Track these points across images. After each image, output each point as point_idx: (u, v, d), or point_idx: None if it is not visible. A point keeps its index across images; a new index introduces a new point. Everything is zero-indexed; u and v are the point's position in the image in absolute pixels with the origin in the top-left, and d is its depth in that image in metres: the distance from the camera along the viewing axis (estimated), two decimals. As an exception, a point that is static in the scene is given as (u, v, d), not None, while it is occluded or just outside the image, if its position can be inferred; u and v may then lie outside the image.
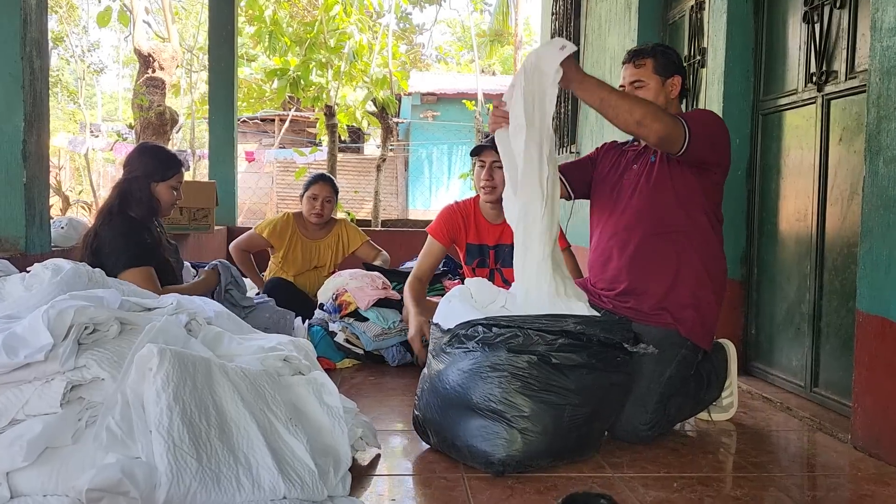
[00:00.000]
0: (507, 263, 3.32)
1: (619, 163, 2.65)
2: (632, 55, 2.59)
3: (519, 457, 1.98)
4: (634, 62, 2.57)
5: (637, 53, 2.58)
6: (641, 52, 2.58)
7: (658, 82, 2.52)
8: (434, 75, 20.44)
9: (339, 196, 4.25)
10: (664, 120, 2.26)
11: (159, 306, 2.13)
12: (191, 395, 1.68)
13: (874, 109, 2.20)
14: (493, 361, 2.04)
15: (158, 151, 3.10)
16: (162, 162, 3.00)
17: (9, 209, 3.09)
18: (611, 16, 4.81)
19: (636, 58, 2.57)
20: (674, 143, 2.29)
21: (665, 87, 2.53)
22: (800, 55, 2.93)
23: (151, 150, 3.10)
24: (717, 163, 2.45)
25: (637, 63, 2.56)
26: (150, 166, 2.96)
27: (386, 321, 3.40)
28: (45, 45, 3.25)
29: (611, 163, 2.69)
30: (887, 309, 2.14)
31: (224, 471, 1.62)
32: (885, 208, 2.15)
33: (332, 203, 4.15)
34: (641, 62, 2.55)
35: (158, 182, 2.96)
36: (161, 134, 7.89)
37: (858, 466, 2.16)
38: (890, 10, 2.14)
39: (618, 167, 2.64)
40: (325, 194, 4.10)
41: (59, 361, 1.67)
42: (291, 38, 8.44)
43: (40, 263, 2.23)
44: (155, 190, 2.96)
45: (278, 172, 16.53)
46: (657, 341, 2.34)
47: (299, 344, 2.21)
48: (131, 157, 3.02)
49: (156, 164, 2.98)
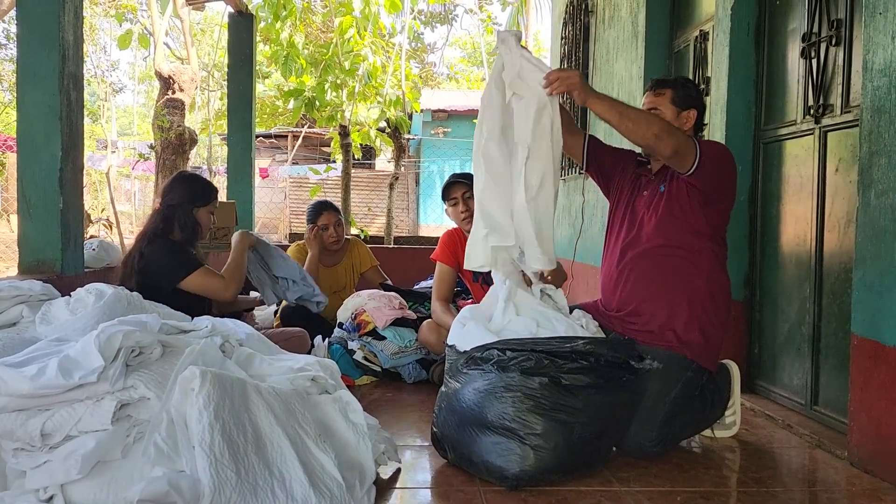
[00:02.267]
0: None
1: (635, 185, 2.74)
2: (654, 84, 2.70)
3: (532, 472, 2.11)
4: (655, 91, 2.67)
5: (659, 82, 2.69)
6: (664, 81, 2.69)
7: (673, 112, 2.62)
8: (445, 92, 20.66)
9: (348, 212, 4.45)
10: (679, 136, 2.41)
11: (195, 328, 2.28)
12: (229, 414, 1.83)
13: (866, 144, 2.34)
14: (506, 382, 2.18)
15: (198, 179, 3.31)
16: (203, 188, 3.20)
17: (46, 233, 3.27)
18: (618, 43, 4.96)
19: (658, 86, 2.67)
20: (685, 160, 2.43)
21: (679, 119, 2.62)
22: (798, 88, 3.07)
23: (191, 178, 3.30)
24: (723, 192, 2.55)
25: (657, 91, 2.66)
26: (191, 193, 3.15)
27: (402, 340, 3.54)
28: (80, 78, 3.43)
29: (631, 179, 2.77)
30: (880, 333, 2.27)
31: (260, 483, 1.76)
32: (877, 238, 2.28)
33: (342, 226, 4.34)
34: (662, 91, 2.65)
35: (200, 207, 3.15)
36: (180, 154, 8.10)
37: (854, 482, 2.28)
38: (880, 53, 2.28)
39: (633, 189, 2.73)
40: (334, 220, 4.29)
41: (109, 382, 1.82)
42: (307, 59, 8.65)
43: (83, 288, 2.39)
44: (196, 214, 3.15)
45: (291, 188, 16.75)
46: (664, 363, 2.47)
47: (325, 364, 2.35)
48: (172, 185, 3.20)
49: (197, 190, 3.17)
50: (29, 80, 3.23)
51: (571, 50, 6.08)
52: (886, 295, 2.24)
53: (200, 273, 3.04)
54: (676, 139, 2.39)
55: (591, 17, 5.67)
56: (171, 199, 3.10)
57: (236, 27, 6.81)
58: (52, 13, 3.21)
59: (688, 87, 2.67)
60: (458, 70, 24.97)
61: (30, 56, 3.23)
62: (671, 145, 2.38)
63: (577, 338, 2.27)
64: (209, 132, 12.91)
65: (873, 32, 2.31)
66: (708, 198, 2.51)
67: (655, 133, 2.37)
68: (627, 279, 2.63)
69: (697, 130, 2.68)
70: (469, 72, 24.58)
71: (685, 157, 2.42)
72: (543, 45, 19.58)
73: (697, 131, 2.69)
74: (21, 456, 1.77)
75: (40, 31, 3.21)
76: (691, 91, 2.67)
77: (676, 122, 2.61)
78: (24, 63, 3.24)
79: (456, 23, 17.79)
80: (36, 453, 1.77)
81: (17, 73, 3.28)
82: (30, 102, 3.24)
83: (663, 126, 2.40)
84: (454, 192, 3.41)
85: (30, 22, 3.22)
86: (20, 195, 3.29)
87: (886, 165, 2.24)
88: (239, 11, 6.70)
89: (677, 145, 2.39)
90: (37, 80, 3.22)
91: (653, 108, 2.63)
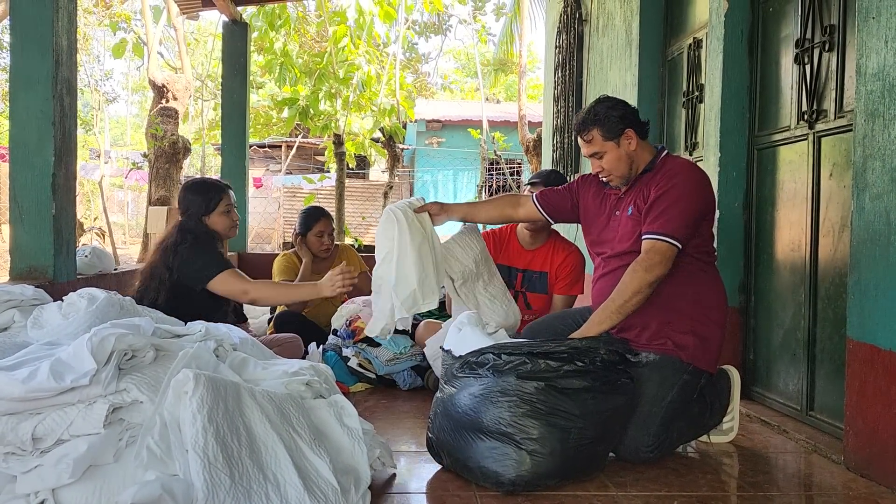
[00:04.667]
0: (532, 288, 3.49)
1: (604, 202, 2.72)
2: (577, 129, 2.61)
3: (528, 476, 2.10)
4: (583, 137, 2.58)
5: (581, 126, 2.58)
6: (584, 123, 2.57)
7: (613, 146, 2.55)
8: (439, 102, 20.74)
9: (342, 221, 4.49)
10: (654, 268, 2.40)
11: (188, 333, 2.27)
12: (223, 417, 1.81)
13: (860, 148, 2.34)
14: (502, 387, 2.17)
15: (199, 186, 3.26)
16: (204, 195, 3.17)
17: (38, 239, 3.25)
18: (612, 51, 4.98)
19: (582, 132, 2.58)
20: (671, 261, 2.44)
21: (621, 147, 2.55)
22: (792, 94, 3.08)
23: (193, 186, 3.25)
24: (703, 218, 2.54)
25: (585, 138, 2.58)
26: (195, 203, 3.14)
27: (397, 346, 3.53)
28: (74, 84, 3.42)
29: (596, 198, 2.75)
30: (875, 337, 2.27)
31: (255, 487, 1.75)
32: (872, 241, 2.28)
33: (333, 233, 4.39)
34: (588, 136, 2.56)
35: (209, 214, 3.14)
36: (174, 162, 8.08)
37: (850, 486, 2.27)
38: (873, 57, 2.29)
39: (604, 205, 2.71)
40: (329, 228, 4.31)
41: (101, 385, 1.80)
42: (301, 69, 8.66)
43: (75, 293, 2.37)
44: (208, 221, 3.14)
45: (285, 198, 16.74)
46: (659, 366, 2.46)
47: (319, 369, 2.34)
48: (181, 197, 3.20)
49: (200, 199, 3.15)
50: (22, 85, 3.21)
51: (565, 59, 6.10)
52: (881, 298, 2.25)
53: (228, 275, 3.01)
54: (656, 271, 2.40)
55: (584, 25, 5.70)
56: (184, 212, 3.13)
57: (231, 36, 6.81)
58: (45, 18, 3.19)
59: (609, 116, 2.53)
60: (453, 80, 25.06)
61: (23, 61, 3.21)
62: (659, 276, 2.41)
63: (573, 339, 2.27)
64: (203, 142, 12.91)
65: (867, 37, 2.32)
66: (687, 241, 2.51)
67: (645, 292, 2.41)
68: (610, 291, 2.61)
69: (645, 135, 2.60)
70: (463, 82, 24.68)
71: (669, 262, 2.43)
72: (537, 56, 19.70)
73: (645, 135, 2.61)
74: (12, 460, 1.74)
75: (33, 35, 3.20)
76: (613, 115, 2.54)
77: (621, 150, 2.54)
78: (17, 68, 3.22)
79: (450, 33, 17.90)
80: (27, 457, 1.74)
81: (10, 78, 3.26)
82: (22, 108, 3.22)
83: (642, 281, 2.40)
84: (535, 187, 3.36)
85: (23, 26, 3.21)
86: (12, 201, 3.26)
87: (881, 169, 2.25)
88: (233, 20, 6.70)
89: (661, 273, 2.41)
90: (30, 85, 3.20)
91: (592, 153, 2.57)
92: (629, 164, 2.58)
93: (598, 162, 2.60)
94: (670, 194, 2.47)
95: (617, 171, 2.59)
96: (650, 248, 2.43)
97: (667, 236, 2.42)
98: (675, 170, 2.53)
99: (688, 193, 2.47)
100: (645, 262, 2.41)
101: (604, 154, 2.57)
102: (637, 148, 2.57)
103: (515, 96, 15.07)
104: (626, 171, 2.59)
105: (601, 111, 2.57)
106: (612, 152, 2.56)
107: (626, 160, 2.57)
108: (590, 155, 2.60)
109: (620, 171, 2.59)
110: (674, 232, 2.42)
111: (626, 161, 2.57)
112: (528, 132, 10.70)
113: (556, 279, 3.45)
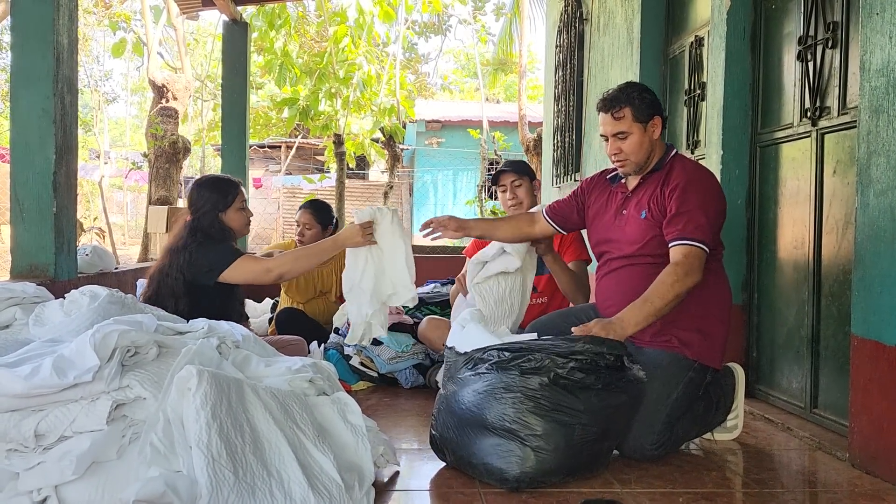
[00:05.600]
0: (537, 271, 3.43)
1: (610, 199, 2.69)
2: (608, 105, 2.53)
3: (532, 473, 2.09)
4: (613, 114, 2.52)
5: (613, 103, 2.52)
6: (617, 100, 2.51)
7: (640, 130, 2.51)
8: (439, 103, 20.75)
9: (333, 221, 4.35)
10: (692, 272, 2.36)
11: (191, 330, 2.26)
12: (227, 414, 1.80)
13: (864, 145, 2.34)
14: (506, 383, 2.16)
15: (215, 182, 3.17)
16: (221, 190, 3.07)
17: (39, 237, 3.24)
18: (613, 49, 4.98)
19: (613, 109, 2.51)
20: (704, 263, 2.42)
21: (647, 132, 2.53)
22: (795, 91, 3.07)
23: (207, 183, 3.16)
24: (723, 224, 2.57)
25: (616, 115, 2.52)
26: (211, 199, 3.03)
27: (399, 345, 3.52)
28: (74, 82, 3.42)
29: (602, 196, 2.73)
30: (880, 333, 2.26)
31: (258, 484, 1.74)
32: (876, 238, 2.28)
33: (312, 229, 4.20)
34: (620, 114, 2.51)
35: (225, 210, 3.05)
36: (174, 162, 8.07)
37: (855, 483, 2.27)
38: (878, 53, 2.29)
39: (610, 203, 2.69)
40: (305, 220, 4.19)
41: (104, 382, 1.80)
42: (301, 69, 8.66)
43: (77, 290, 2.36)
44: (224, 218, 3.05)
45: (285, 199, 16.73)
46: (664, 364, 2.45)
47: (322, 366, 2.33)
48: (192, 194, 3.10)
49: (217, 195, 3.05)
50: (23, 83, 3.21)
51: (566, 58, 6.09)
52: (886, 295, 2.24)
53: (245, 261, 2.95)
54: (692, 277, 2.36)
55: (585, 24, 5.69)
56: (197, 209, 3.02)
57: (230, 36, 6.80)
58: (46, 16, 3.19)
59: (644, 97, 2.52)
60: (452, 80, 25.06)
61: (24, 59, 3.21)
62: (696, 281, 2.37)
63: (577, 338, 2.25)
64: (202, 142, 12.90)
65: (871, 33, 2.32)
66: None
67: (677, 294, 2.35)
68: (617, 291, 2.61)
69: (663, 132, 2.61)
70: (463, 82, 24.68)
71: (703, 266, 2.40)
72: (536, 56, 19.70)
73: (663, 134, 2.61)
74: (14, 457, 1.74)
75: (34, 33, 3.20)
76: (648, 98, 2.53)
77: (646, 136, 2.52)
78: (19, 66, 3.22)
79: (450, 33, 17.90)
80: (29, 454, 1.74)
81: (11, 77, 3.26)
82: (23, 106, 3.22)
83: (677, 287, 2.34)
84: (504, 179, 3.36)
85: (24, 25, 3.21)
86: (13, 199, 3.26)
87: (885, 165, 2.24)
88: (233, 20, 6.70)
89: (697, 278, 2.37)
90: (31, 83, 3.20)
91: (618, 132, 2.52)
92: (648, 152, 2.55)
93: (620, 143, 2.53)
94: (693, 199, 2.45)
95: (635, 156, 2.54)
96: (689, 254, 2.39)
97: (701, 242, 2.40)
98: (695, 175, 2.52)
99: (712, 199, 2.48)
100: (685, 267, 2.37)
101: (629, 135, 2.52)
102: (658, 139, 2.57)
103: (515, 96, 15.08)
104: (644, 158, 2.55)
105: (634, 93, 2.53)
106: (637, 135, 2.52)
107: (647, 147, 2.54)
108: (614, 133, 2.54)
109: (638, 157, 2.54)
110: (705, 237, 2.41)
111: (647, 148, 2.54)
112: (528, 132, 10.70)
113: (562, 249, 3.36)
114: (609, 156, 2.62)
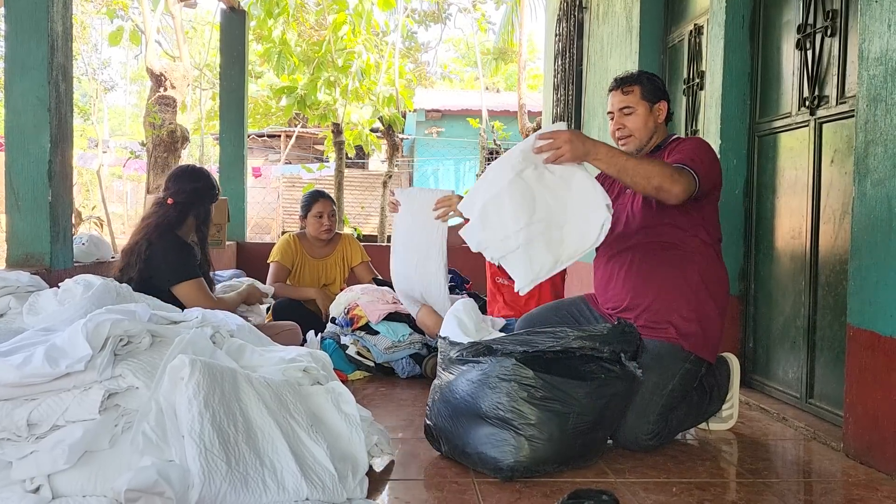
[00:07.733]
0: None
1: (611, 188, 2.69)
2: (619, 82, 2.67)
3: (526, 462, 2.09)
4: (622, 89, 2.64)
5: (625, 80, 2.67)
6: (629, 79, 2.67)
7: (646, 108, 2.62)
8: (438, 92, 20.67)
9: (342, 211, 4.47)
10: (679, 181, 2.31)
11: (185, 319, 2.25)
12: (219, 403, 1.80)
13: (862, 134, 2.32)
14: (500, 372, 2.15)
15: (208, 174, 3.30)
16: (214, 184, 3.24)
17: (35, 226, 3.23)
18: (612, 38, 4.95)
19: (624, 85, 2.65)
20: (689, 195, 2.37)
21: (653, 113, 2.63)
22: (793, 80, 3.06)
23: (202, 172, 3.28)
24: (713, 186, 2.54)
25: (625, 90, 2.64)
26: (206, 188, 3.18)
27: (396, 334, 3.51)
28: (69, 70, 3.39)
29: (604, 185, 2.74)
30: (875, 323, 2.26)
31: (251, 473, 1.74)
32: (873, 227, 2.27)
33: (335, 216, 4.34)
34: (630, 89, 2.63)
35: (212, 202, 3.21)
36: (172, 151, 8.04)
37: (850, 473, 2.27)
38: (876, 41, 2.27)
39: (611, 188, 2.70)
40: (329, 209, 4.27)
41: (97, 371, 1.79)
42: (300, 57, 8.62)
43: (71, 279, 2.36)
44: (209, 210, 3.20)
45: (284, 188, 16.70)
46: (661, 355, 2.45)
47: (317, 355, 2.33)
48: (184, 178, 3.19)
49: (210, 185, 3.20)
50: (17, 71, 3.19)
51: (565, 47, 6.06)
52: (882, 285, 2.23)
53: (195, 284, 3.04)
54: (680, 187, 2.30)
55: (585, 13, 5.66)
56: (185, 193, 3.10)
57: (229, 24, 6.77)
58: (40, 3, 3.16)
59: (654, 80, 2.66)
60: (452, 70, 24.97)
61: (18, 47, 3.18)
62: (675, 195, 2.32)
63: (571, 332, 2.24)
64: (201, 132, 12.86)
65: (869, 21, 2.30)
66: (699, 195, 2.48)
67: (656, 186, 2.30)
68: (618, 276, 2.63)
69: (667, 120, 2.69)
70: (463, 72, 24.59)
71: (689, 194, 2.35)
72: (536, 46, 19.61)
73: (668, 121, 2.70)
74: (7, 446, 1.74)
75: (29, 21, 3.17)
76: (657, 83, 2.67)
77: (651, 116, 2.62)
78: (13, 54, 3.20)
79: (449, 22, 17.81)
80: (22, 443, 1.74)
81: (6, 65, 3.24)
82: (18, 94, 3.20)
83: (663, 176, 2.29)
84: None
85: (18, 12, 3.18)
86: (8, 188, 3.24)
87: (882, 154, 2.23)
88: (231, 7, 6.66)
89: (681, 193, 2.32)
90: (25, 71, 3.18)
91: (625, 106, 2.62)
92: (650, 133, 2.63)
93: (624, 119, 2.62)
94: (688, 148, 2.51)
95: (638, 133, 2.62)
96: (682, 170, 2.36)
97: (694, 171, 2.37)
98: (692, 140, 2.59)
99: (705, 152, 2.51)
100: (675, 174, 2.31)
101: (634, 111, 2.61)
102: (661, 123, 2.65)
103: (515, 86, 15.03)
104: (646, 139, 2.63)
105: (648, 75, 2.68)
106: (643, 113, 2.61)
107: (650, 127, 2.62)
108: (620, 108, 2.62)
109: (641, 136, 2.62)
110: (698, 171, 2.38)
111: (650, 129, 2.62)
112: (527, 121, 10.66)
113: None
114: (612, 133, 2.69)
